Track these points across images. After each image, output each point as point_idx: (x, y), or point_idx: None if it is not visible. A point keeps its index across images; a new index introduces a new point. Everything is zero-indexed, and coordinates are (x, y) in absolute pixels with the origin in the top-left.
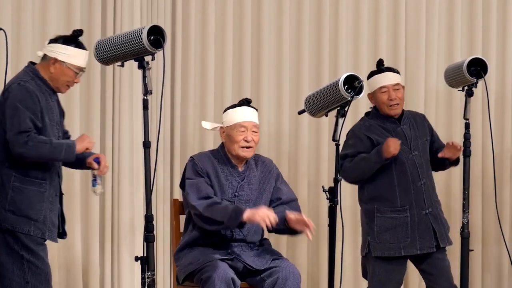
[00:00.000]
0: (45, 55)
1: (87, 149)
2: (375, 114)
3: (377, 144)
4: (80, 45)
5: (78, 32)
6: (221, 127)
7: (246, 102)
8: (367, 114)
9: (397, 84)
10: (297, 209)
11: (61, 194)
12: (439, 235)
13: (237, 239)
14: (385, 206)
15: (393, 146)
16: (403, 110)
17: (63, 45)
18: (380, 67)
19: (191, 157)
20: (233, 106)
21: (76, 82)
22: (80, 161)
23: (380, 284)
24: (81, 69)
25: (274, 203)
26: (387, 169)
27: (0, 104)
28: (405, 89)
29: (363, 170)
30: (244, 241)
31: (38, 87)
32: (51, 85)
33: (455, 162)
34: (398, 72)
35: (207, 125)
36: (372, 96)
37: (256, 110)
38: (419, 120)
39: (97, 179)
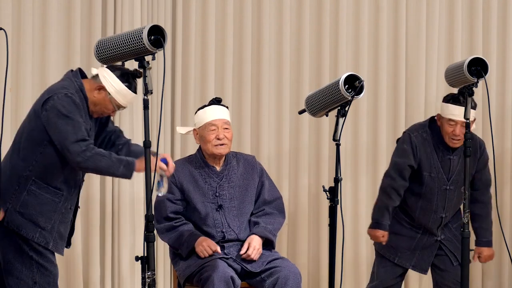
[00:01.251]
0: (97, 75)
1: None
2: (437, 131)
3: (417, 168)
4: (132, 87)
5: (138, 74)
6: (194, 130)
7: (215, 101)
8: (431, 120)
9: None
10: (279, 207)
11: (76, 207)
12: (457, 255)
13: (231, 239)
14: (403, 214)
15: (376, 238)
16: None
17: (117, 79)
18: (460, 98)
19: None
20: (203, 107)
21: (111, 116)
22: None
23: (382, 278)
24: (122, 107)
25: (257, 201)
26: (418, 188)
27: (40, 109)
28: (405, 89)
29: (375, 208)
30: (238, 240)
31: (81, 103)
32: (89, 106)
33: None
34: (474, 108)
35: (181, 129)
36: (439, 118)
37: (227, 107)
38: (473, 152)
39: (163, 180)
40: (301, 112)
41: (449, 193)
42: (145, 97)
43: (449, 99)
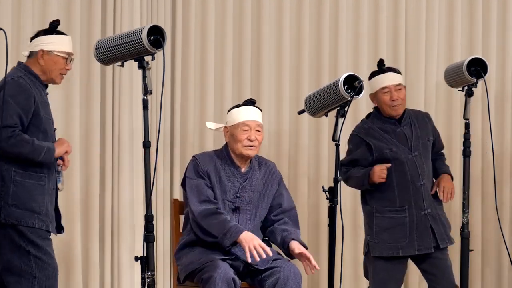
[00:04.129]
0: (30, 52)
1: (66, 152)
2: (376, 115)
3: (375, 150)
4: (60, 33)
5: (56, 22)
6: (225, 127)
7: (250, 102)
8: (367, 116)
9: (399, 84)
10: (296, 218)
11: (56, 189)
12: (438, 236)
13: None
14: (384, 206)
15: (376, 174)
16: (404, 110)
17: (45, 36)
18: (381, 67)
19: (193, 156)
20: (237, 106)
21: (68, 69)
22: None
23: (381, 283)
24: (69, 54)
25: (274, 209)
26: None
27: None
28: (406, 89)
29: (354, 186)
30: None
31: (32, 82)
32: (45, 78)
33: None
34: (399, 72)
35: (211, 125)
36: (374, 96)
37: (261, 110)
38: (421, 120)
39: (61, 175)
40: (300, 112)
41: (417, 160)
42: (145, 97)
43: (373, 73)
